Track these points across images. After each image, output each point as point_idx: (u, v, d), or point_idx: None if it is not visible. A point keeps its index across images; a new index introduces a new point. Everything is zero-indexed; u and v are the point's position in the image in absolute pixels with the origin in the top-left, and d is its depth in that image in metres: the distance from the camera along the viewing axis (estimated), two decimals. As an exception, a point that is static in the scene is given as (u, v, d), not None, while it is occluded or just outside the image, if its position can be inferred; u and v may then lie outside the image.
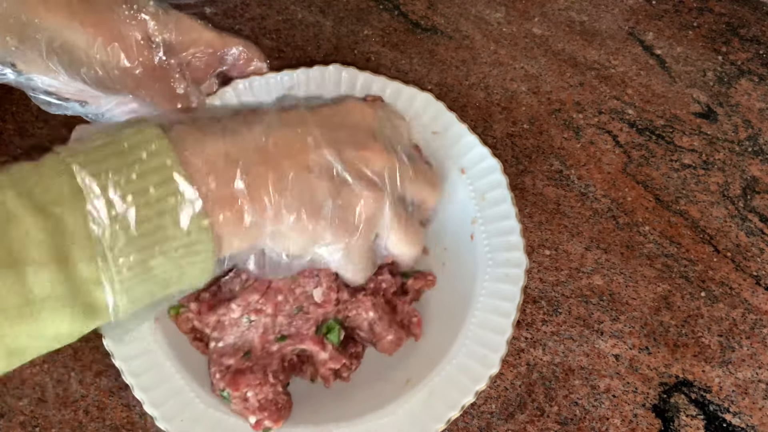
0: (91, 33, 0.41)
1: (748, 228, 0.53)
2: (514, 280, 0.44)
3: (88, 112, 0.46)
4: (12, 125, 0.56)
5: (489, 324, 0.43)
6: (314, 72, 0.49)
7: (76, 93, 0.45)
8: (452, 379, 0.42)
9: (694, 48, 0.61)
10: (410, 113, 0.48)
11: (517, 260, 0.44)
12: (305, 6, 0.62)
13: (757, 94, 0.59)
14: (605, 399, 0.47)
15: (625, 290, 0.50)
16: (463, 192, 0.47)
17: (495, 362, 0.42)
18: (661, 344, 0.48)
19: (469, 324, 0.43)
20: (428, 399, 0.41)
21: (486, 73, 0.59)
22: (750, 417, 0.46)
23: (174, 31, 0.44)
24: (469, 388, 0.41)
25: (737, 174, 0.55)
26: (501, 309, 0.43)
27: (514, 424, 0.46)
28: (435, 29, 0.62)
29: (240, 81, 0.48)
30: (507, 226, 0.45)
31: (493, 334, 0.43)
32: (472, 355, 0.42)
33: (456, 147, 0.48)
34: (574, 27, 0.62)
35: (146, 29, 0.43)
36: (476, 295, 0.44)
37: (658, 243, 0.52)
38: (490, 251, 0.45)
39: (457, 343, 0.43)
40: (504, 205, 0.46)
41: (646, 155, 0.56)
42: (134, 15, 0.42)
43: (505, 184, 0.46)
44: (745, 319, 0.49)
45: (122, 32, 0.41)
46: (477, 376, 0.42)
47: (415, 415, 0.41)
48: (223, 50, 0.47)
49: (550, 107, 0.58)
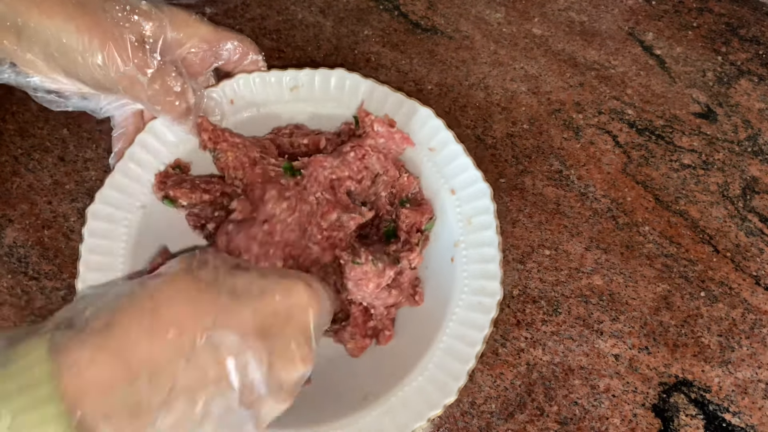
0: (86, 36, 0.41)
1: (747, 228, 0.53)
2: (487, 309, 0.43)
3: (88, 106, 0.46)
4: (12, 125, 0.56)
5: (454, 351, 0.43)
6: (319, 75, 0.49)
7: (76, 91, 0.45)
8: (408, 402, 0.42)
9: (694, 48, 0.61)
10: (409, 127, 0.48)
11: (492, 290, 0.44)
12: (305, 6, 0.62)
13: (756, 95, 0.59)
14: (605, 399, 0.47)
15: (625, 290, 0.50)
16: (451, 213, 0.47)
17: (453, 391, 0.41)
18: (661, 344, 0.49)
19: (435, 348, 0.43)
20: (381, 419, 0.41)
21: (486, 73, 0.60)
22: (750, 417, 0.46)
23: (168, 27, 0.44)
24: (423, 414, 0.41)
25: (737, 174, 0.55)
26: (468, 338, 0.43)
27: (514, 424, 0.46)
28: (435, 29, 0.62)
29: (241, 76, 0.48)
30: (488, 253, 0.45)
31: (456, 363, 0.42)
32: (432, 381, 0.42)
33: (449, 167, 0.47)
34: (574, 27, 0.62)
35: (140, 30, 0.43)
36: (447, 320, 0.44)
37: (657, 243, 0.52)
38: (468, 277, 0.45)
39: (420, 366, 0.43)
40: (488, 232, 0.45)
41: (646, 155, 0.56)
42: (128, 16, 0.42)
43: (492, 210, 0.46)
44: (745, 319, 0.49)
45: (117, 34, 0.41)
46: (433, 403, 0.41)
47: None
48: (219, 45, 0.47)
49: (550, 107, 0.58)
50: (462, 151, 0.47)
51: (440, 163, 0.48)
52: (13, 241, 0.51)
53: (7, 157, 0.54)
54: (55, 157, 0.54)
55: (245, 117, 0.49)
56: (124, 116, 0.48)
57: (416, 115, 0.48)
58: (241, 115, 0.49)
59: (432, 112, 0.48)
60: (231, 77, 0.48)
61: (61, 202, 0.53)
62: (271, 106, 0.49)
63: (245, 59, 0.48)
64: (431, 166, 0.48)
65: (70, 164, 0.54)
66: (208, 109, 0.48)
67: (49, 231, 0.52)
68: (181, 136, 0.47)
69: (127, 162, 0.46)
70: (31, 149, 0.55)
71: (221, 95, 0.48)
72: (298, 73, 0.49)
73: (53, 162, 0.54)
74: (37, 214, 0.52)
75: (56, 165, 0.54)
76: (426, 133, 0.48)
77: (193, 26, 0.46)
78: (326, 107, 0.50)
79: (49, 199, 0.53)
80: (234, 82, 0.48)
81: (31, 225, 0.52)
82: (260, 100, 0.49)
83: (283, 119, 0.50)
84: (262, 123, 0.49)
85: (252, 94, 0.49)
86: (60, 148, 0.55)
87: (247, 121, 0.49)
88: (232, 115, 0.49)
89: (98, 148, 0.55)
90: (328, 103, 0.50)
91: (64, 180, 0.54)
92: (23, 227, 0.52)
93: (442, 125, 0.48)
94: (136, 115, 0.48)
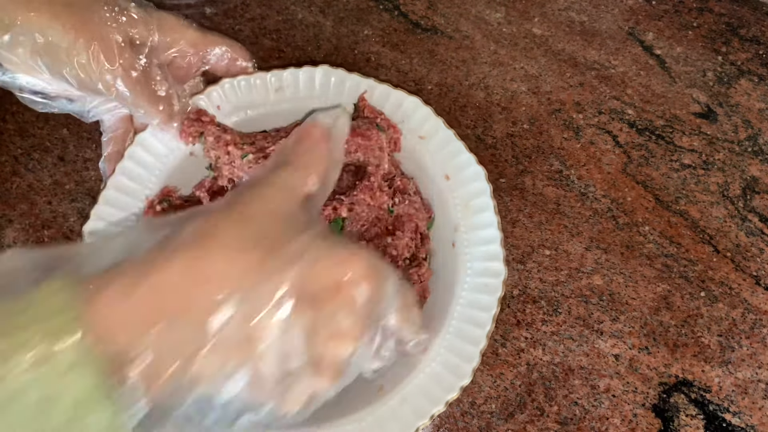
0: (73, 35, 0.41)
1: (747, 228, 0.53)
2: (492, 290, 0.44)
3: (74, 109, 0.46)
4: (12, 125, 0.56)
5: (464, 334, 0.43)
6: (303, 74, 0.49)
7: (62, 92, 0.45)
8: (424, 388, 0.42)
9: (694, 48, 0.61)
10: (398, 116, 0.48)
11: (496, 270, 0.44)
12: (305, 6, 0.62)
13: (756, 95, 0.59)
14: (605, 399, 0.47)
15: (625, 290, 0.50)
16: (449, 198, 0.47)
17: (467, 373, 0.42)
18: (661, 344, 0.49)
19: (446, 333, 0.43)
20: (399, 407, 0.41)
21: (486, 73, 0.59)
22: (750, 417, 0.46)
23: (156, 31, 0.44)
24: (440, 398, 0.41)
25: (737, 174, 0.55)
26: (477, 319, 0.43)
27: (514, 424, 0.46)
28: (435, 29, 0.62)
29: (227, 81, 0.48)
30: (488, 235, 0.45)
31: (467, 345, 0.42)
32: (445, 365, 0.42)
33: (442, 153, 0.47)
34: (574, 27, 0.62)
35: (127, 31, 0.43)
36: (454, 304, 0.44)
37: (658, 243, 0.52)
38: (471, 260, 0.45)
39: (432, 352, 0.43)
40: (486, 214, 0.45)
41: (646, 155, 0.56)
42: (115, 17, 0.42)
43: (488, 192, 0.46)
44: (745, 319, 0.49)
45: (103, 34, 0.41)
46: (449, 386, 0.41)
47: (383, 422, 0.41)
48: (206, 49, 0.47)
49: (550, 107, 0.58)
50: (453, 136, 0.47)
51: (432, 150, 0.48)
52: (13, 241, 0.51)
53: (7, 157, 0.54)
54: (55, 157, 0.54)
55: (233, 122, 0.49)
56: (113, 120, 0.47)
57: (404, 105, 0.48)
58: (229, 119, 0.49)
59: (420, 101, 0.48)
60: (217, 83, 0.48)
61: (61, 202, 0.53)
62: (258, 109, 0.49)
63: (234, 64, 0.48)
64: (424, 153, 0.48)
65: (70, 164, 0.54)
66: None
67: (49, 231, 0.52)
68: (171, 145, 0.47)
69: (117, 176, 0.46)
70: (31, 149, 0.55)
71: (206, 102, 0.48)
72: (282, 73, 0.49)
73: (53, 162, 0.54)
74: (37, 214, 0.52)
75: (56, 165, 0.54)
76: (415, 121, 0.48)
77: (180, 31, 0.45)
78: (313, 103, 0.49)
79: (49, 199, 0.53)
80: (219, 88, 0.48)
81: (31, 225, 0.52)
82: (246, 103, 0.49)
83: (269, 121, 0.50)
84: (249, 127, 0.49)
85: (237, 98, 0.49)
86: (60, 148, 0.55)
87: (235, 126, 0.49)
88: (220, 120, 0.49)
89: (98, 148, 0.55)
90: (314, 101, 0.49)
91: (64, 180, 0.54)
92: (23, 227, 0.52)
93: (431, 112, 0.48)
94: (125, 119, 0.47)
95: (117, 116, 0.47)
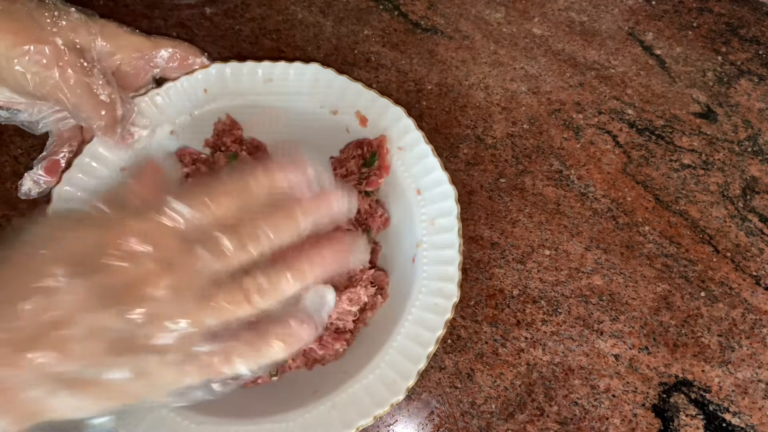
0: (11, 40, 0.40)
1: (747, 228, 0.53)
2: (442, 311, 0.44)
3: (22, 120, 0.46)
4: (12, 125, 0.56)
5: (407, 351, 0.43)
6: (294, 69, 0.49)
7: (7, 102, 0.44)
8: (356, 399, 0.42)
9: (694, 48, 0.61)
10: (382, 123, 0.48)
11: (449, 292, 0.44)
12: (305, 6, 0.62)
13: (756, 94, 0.59)
14: (605, 399, 0.47)
15: (625, 290, 0.50)
16: (416, 213, 0.47)
17: (401, 390, 0.42)
18: (661, 344, 0.49)
19: (389, 347, 0.43)
20: (327, 414, 0.41)
21: (486, 73, 0.59)
22: (750, 417, 0.46)
23: (98, 37, 0.43)
24: (369, 411, 0.41)
25: (737, 174, 0.55)
26: (421, 338, 0.43)
27: (514, 424, 0.46)
28: (435, 29, 0.62)
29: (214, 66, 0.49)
30: (448, 255, 0.45)
31: (407, 362, 0.42)
32: (382, 379, 0.42)
33: (417, 167, 0.48)
34: (574, 27, 0.62)
35: (68, 35, 0.42)
36: (403, 319, 0.44)
37: (657, 243, 0.52)
38: (427, 278, 0.45)
39: (372, 364, 0.43)
40: (450, 234, 0.46)
41: (646, 155, 0.56)
42: (55, 22, 0.41)
43: (456, 212, 0.46)
44: (745, 319, 0.49)
45: (42, 38, 0.41)
46: (380, 401, 0.41)
47: (309, 427, 0.41)
48: (151, 53, 0.46)
49: (550, 107, 0.58)
50: (430, 151, 0.47)
51: (408, 162, 0.48)
52: (13, 241, 0.51)
53: (7, 157, 0.54)
54: (55, 157, 0.54)
55: (220, 106, 0.49)
56: (62, 131, 0.47)
57: (388, 113, 0.48)
58: (216, 105, 0.49)
59: (403, 111, 0.48)
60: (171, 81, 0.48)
61: (61, 202, 0.53)
62: (247, 96, 0.50)
63: (185, 64, 0.48)
64: (399, 165, 0.48)
65: (70, 164, 0.54)
66: (137, 119, 0.47)
67: (49, 231, 0.52)
68: (120, 153, 0.46)
69: (63, 186, 0.46)
70: (31, 149, 0.55)
71: (149, 104, 0.48)
72: (274, 65, 0.49)
73: (53, 162, 0.54)
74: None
75: (56, 165, 0.54)
76: (396, 131, 0.48)
77: (123, 36, 0.45)
78: (300, 101, 0.50)
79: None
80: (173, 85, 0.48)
81: (31, 225, 0.52)
82: (233, 91, 0.49)
83: (256, 110, 0.50)
84: (238, 113, 0.50)
85: (224, 84, 0.49)
86: (60, 148, 0.55)
87: (222, 111, 0.49)
88: (206, 104, 0.49)
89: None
90: (302, 98, 0.50)
91: (64, 180, 0.54)
92: (23, 227, 0.52)
93: (412, 125, 0.48)
94: (75, 127, 0.47)
95: (66, 126, 0.46)
